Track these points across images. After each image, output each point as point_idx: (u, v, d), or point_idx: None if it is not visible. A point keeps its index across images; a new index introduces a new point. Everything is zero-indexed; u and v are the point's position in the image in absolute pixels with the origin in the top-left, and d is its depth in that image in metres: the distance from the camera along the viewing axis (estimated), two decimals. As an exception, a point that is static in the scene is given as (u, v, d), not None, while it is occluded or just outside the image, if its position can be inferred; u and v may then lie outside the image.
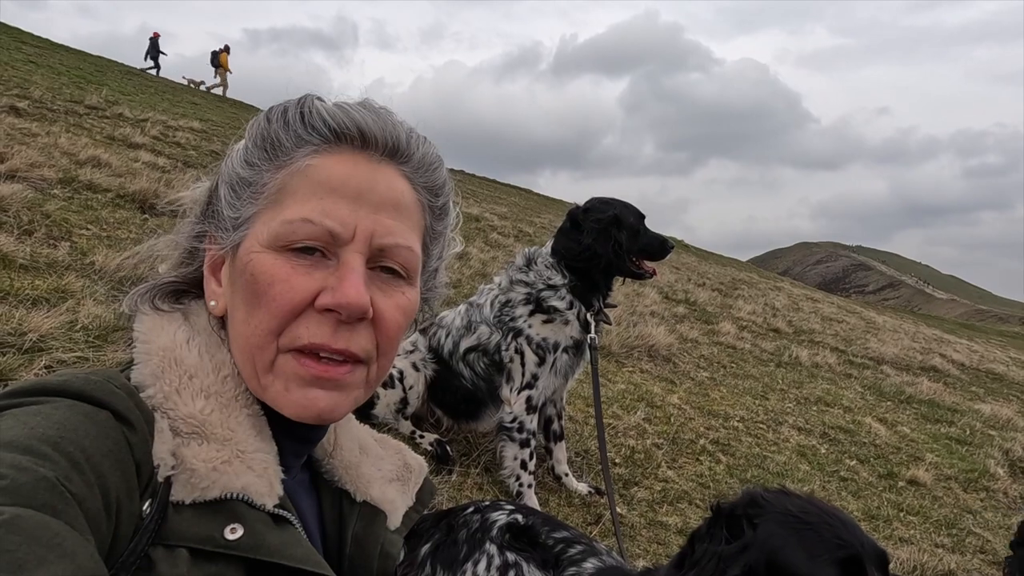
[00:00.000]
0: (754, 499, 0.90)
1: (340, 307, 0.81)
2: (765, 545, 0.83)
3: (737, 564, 0.84)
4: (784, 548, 0.82)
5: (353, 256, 0.83)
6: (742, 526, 0.88)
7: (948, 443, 5.67)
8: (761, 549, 0.83)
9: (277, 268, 0.82)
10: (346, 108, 0.87)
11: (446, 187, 0.96)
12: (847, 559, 0.81)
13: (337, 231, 0.82)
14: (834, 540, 0.81)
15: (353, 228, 0.83)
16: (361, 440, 1.07)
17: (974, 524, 4.02)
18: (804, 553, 0.81)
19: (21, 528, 0.58)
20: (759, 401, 5.59)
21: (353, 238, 0.83)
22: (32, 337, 2.57)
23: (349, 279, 0.82)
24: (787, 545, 0.82)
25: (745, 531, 0.87)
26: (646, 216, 3.11)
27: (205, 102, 19.11)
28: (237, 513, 0.78)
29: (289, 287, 0.81)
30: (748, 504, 0.90)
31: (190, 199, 0.96)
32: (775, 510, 0.86)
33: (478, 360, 3.06)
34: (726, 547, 0.87)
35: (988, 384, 9.42)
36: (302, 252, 0.82)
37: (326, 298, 0.81)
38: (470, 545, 1.32)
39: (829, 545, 0.81)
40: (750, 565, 0.83)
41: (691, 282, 12.24)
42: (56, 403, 0.72)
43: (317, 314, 0.82)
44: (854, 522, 0.87)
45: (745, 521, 0.88)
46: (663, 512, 3.16)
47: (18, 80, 10.77)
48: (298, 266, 0.82)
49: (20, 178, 4.83)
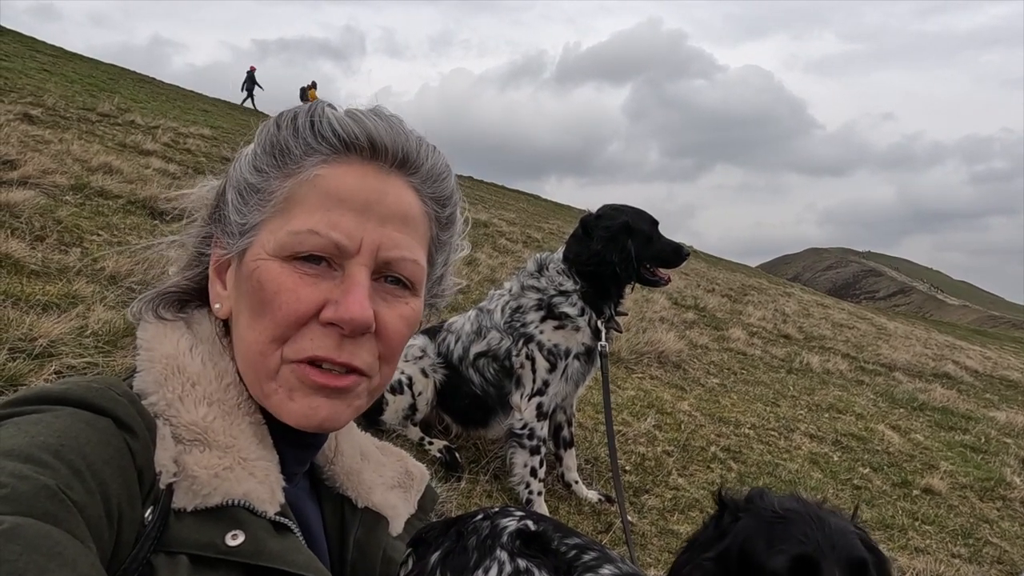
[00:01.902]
0: (751, 496, 0.96)
1: (344, 322, 0.81)
2: (739, 535, 0.90)
3: (714, 549, 0.92)
4: (753, 538, 0.89)
5: (358, 269, 0.83)
6: (733, 517, 0.95)
7: (963, 451, 5.59)
8: (735, 537, 0.90)
9: (283, 277, 0.82)
10: (357, 116, 0.87)
11: (453, 197, 0.95)
12: (801, 555, 0.84)
13: (343, 243, 0.82)
14: (798, 536, 0.86)
15: (359, 241, 0.83)
16: (362, 447, 1.07)
17: (991, 534, 3.96)
18: (765, 543, 0.87)
19: (22, 537, 0.58)
20: (770, 408, 5.54)
21: (359, 251, 0.83)
22: (42, 343, 2.58)
23: (353, 294, 0.82)
24: (756, 535, 0.88)
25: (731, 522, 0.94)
26: (659, 223, 3.09)
27: (216, 109, 19.28)
28: (238, 520, 0.78)
29: (295, 297, 0.81)
30: (746, 499, 0.96)
31: (196, 198, 0.96)
32: (762, 506, 0.92)
33: (488, 366, 3.04)
34: (709, 533, 0.95)
35: (1002, 391, 9.31)
36: (308, 260, 0.82)
37: (330, 312, 0.81)
38: (480, 552, 1.30)
39: (791, 540, 0.85)
40: (723, 551, 0.91)
41: (700, 288, 12.18)
42: (58, 411, 0.71)
43: (321, 326, 0.82)
44: (842, 527, 0.88)
45: (734, 513, 0.95)
46: (674, 520, 3.13)
47: (32, 88, 10.91)
48: (304, 276, 0.82)
49: (33, 184, 4.88)
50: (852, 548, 0.86)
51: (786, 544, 0.86)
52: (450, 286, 1.04)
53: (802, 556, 0.84)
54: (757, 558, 0.87)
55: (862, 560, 0.86)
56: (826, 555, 0.84)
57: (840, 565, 0.84)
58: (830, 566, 0.84)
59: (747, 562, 0.88)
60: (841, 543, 0.86)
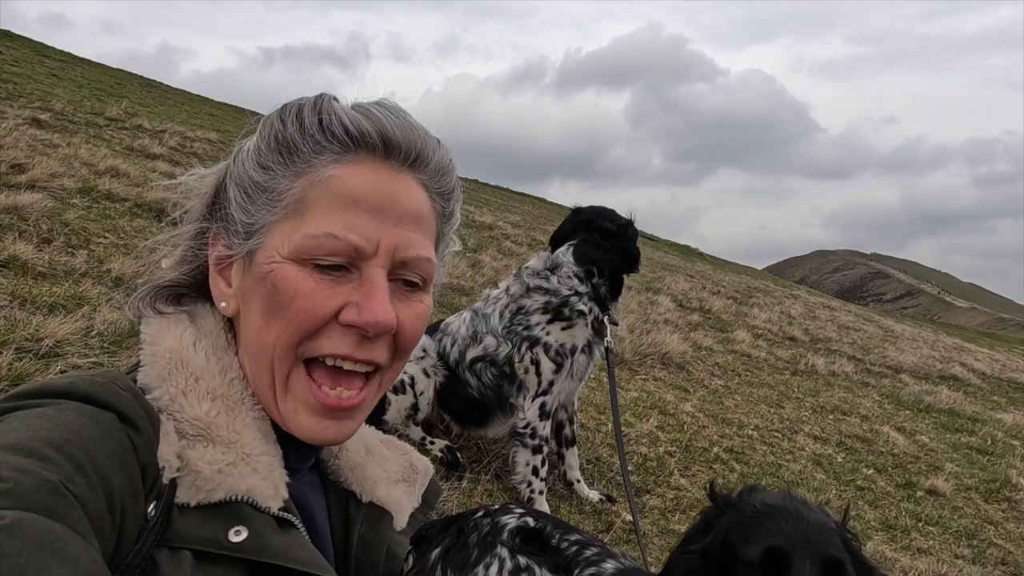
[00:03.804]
0: (740, 492, 0.99)
1: (368, 326, 0.81)
2: (723, 529, 0.94)
3: (700, 542, 0.96)
4: (733, 531, 0.92)
5: (377, 272, 0.83)
6: (720, 512, 0.99)
7: (968, 453, 5.56)
8: (719, 532, 0.94)
9: (300, 281, 0.81)
10: (367, 111, 0.85)
11: (456, 191, 0.95)
12: (774, 547, 0.87)
13: (361, 246, 0.82)
14: (774, 530, 0.89)
15: (377, 242, 0.82)
16: (367, 442, 1.07)
17: (995, 535, 3.94)
18: (743, 536, 0.90)
19: (23, 532, 0.57)
20: (774, 409, 5.52)
21: (376, 252, 0.83)
22: (49, 343, 2.60)
23: (375, 297, 0.82)
24: (736, 529, 0.92)
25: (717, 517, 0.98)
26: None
27: (222, 113, 19.35)
28: (242, 515, 0.78)
29: (313, 302, 0.81)
30: (736, 495, 1.00)
31: (187, 189, 0.94)
32: (748, 502, 0.96)
33: (485, 370, 3.06)
34: (698, 527, 0.99)
35: (1010, 393, 9.24)
36: (327, 268, 0.82)
37: (351, 315, 0.81)
38: (481, 549, 1.32)
39: (768, 534, 0.88)
40: (708, 544, 0.95)
41: (706, 290, 12.15)
42: (61, 405, 0.71)
43: (340, 327, 0.82)
44: (821, 523, 0.91)
45: (721, 508, 0.99)
46: (675, 520, 3.13)
47: (41, 93, 10.98)
48: (321, 280, 0.81)
49: (40, 188, 4.92)
50: (827, 544, 0.88)
51: (762, 537, 0.88)
52: (441, 276, 1.03)
53: (774, 549, 0.87)
54: (735, 550, 0.90)
55: (835, 558, 0.88)
56: (799, 549, 0.87)
57: (813, 560, 0.86)
58: (801, 559, 0.86)
59: (727, 554, 0.91)
60: (817, 539, 0.88)
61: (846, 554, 0.90)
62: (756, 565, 0.88)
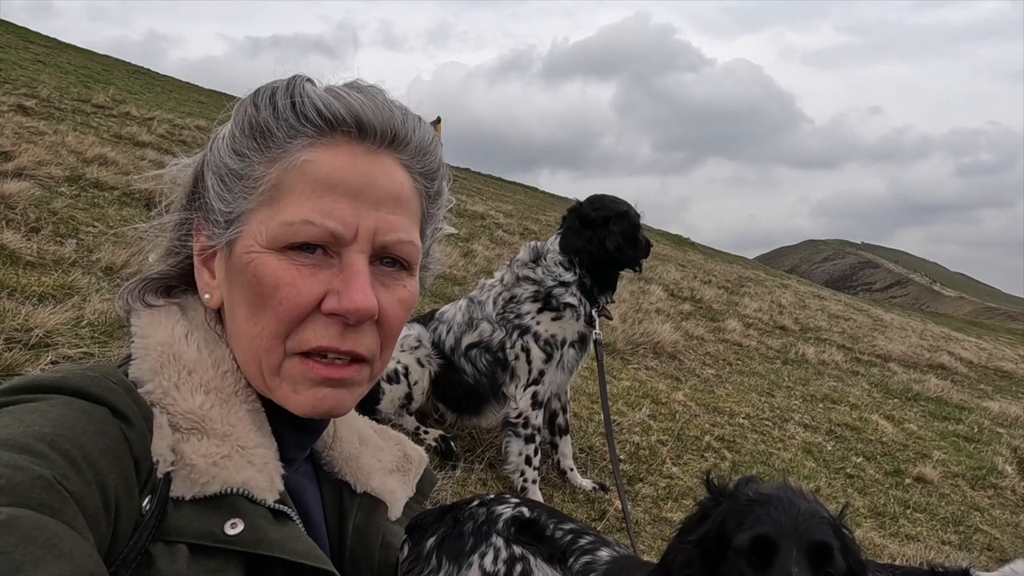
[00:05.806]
0: (738, 483, 1.03)
1: (348, 313, 0.80)
2: (718, 518, 0.98)
3: (696, 532, 1.00)
4: (727, 520, 0.96)
5: (357, 257, 0.81)
6: (716, 502, 1.02)
7: (956, 440, 5.63)
8: (714, 521, 0.98)
9: (281, 271, 0.80)
10: (339, 94, 0.83)
11: (440, 170, 0.93)
12: (762, 534, 0.91)
13: (339, 232, 0.80)
14: (765, 517, 0.92)
15: (355, 227, 0.81)
16: (361, 431, 1.06)
17: (981, 521, 4.00)
18: (735, 524, 0.94)
19: (17, 529, 0.57)
20: (765, 398, 5.57)
21: (355, 238, 0.81)
22: (38, 333, 2.58)
23: (355, 283, 0.80)
24: (730, 518, 0.96)
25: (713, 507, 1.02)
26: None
27: (211, 101, 19.16)
28: (237, 508, 0.78)
29: (295, 291, 0.80)
30: (734, 486, 1.03)
31: (169, 179, 0.93)
32: (742, 492, 0.99)
33: (480, 356, 3.06)
34: (695, 518, 1.03)
35: (996, 382, 9.36)
36: (303, 249, 0.80)
37: (332, 303, 0.80)
38: (476, 538, 1.33)
39: (758, 521, 0.92)
40: (704, 533, 0.98)
41: (697, 280, 12.19)
42: (53, 400, 0.71)
43: (324, 317, 0.81)
44: (812, 512, 0.94)
45: (717, 499, 1.02)
46: (667, 508, 3.16)
47: (26, 79, 10.82)
48: (302, 267, 0.80)
49: (27, 176, 4.86)
50: (816, 532, 0.92)
51: (752, 525, 0.92)
52: (436, 259, 1.02)
53: (763, 536, 0.91)
54: (729, 537, 0.94)
55: (824, 543, 0.91)
56: (787, 535, 0.90)
57: (800, 546, 0.90)
58: (788, 545, 0.89)
59: (721, 542, 0.95)
60: (805, 526, 0.91)
61: (836, 540, 0.92)
62: (746, 551, 0.91)
